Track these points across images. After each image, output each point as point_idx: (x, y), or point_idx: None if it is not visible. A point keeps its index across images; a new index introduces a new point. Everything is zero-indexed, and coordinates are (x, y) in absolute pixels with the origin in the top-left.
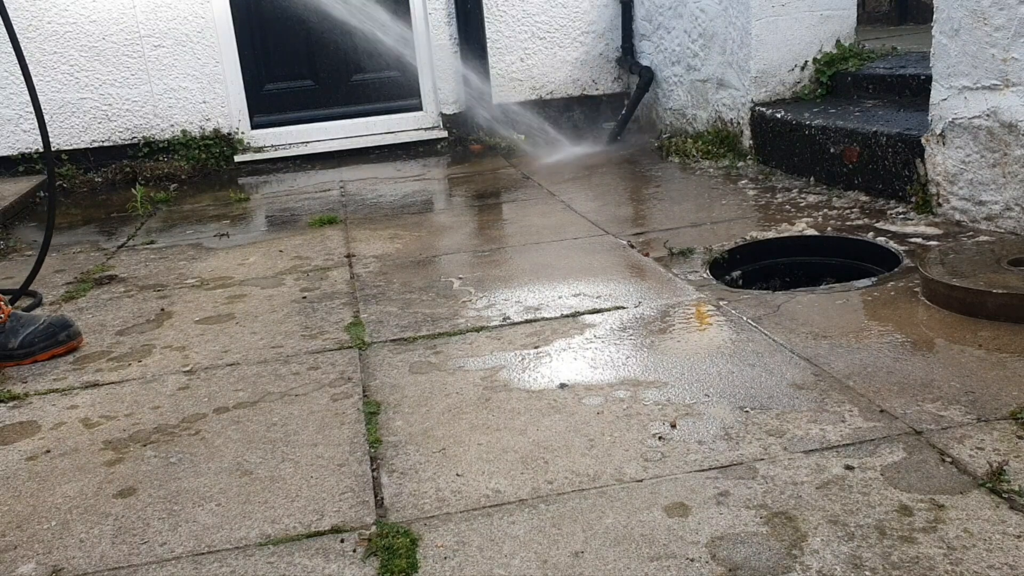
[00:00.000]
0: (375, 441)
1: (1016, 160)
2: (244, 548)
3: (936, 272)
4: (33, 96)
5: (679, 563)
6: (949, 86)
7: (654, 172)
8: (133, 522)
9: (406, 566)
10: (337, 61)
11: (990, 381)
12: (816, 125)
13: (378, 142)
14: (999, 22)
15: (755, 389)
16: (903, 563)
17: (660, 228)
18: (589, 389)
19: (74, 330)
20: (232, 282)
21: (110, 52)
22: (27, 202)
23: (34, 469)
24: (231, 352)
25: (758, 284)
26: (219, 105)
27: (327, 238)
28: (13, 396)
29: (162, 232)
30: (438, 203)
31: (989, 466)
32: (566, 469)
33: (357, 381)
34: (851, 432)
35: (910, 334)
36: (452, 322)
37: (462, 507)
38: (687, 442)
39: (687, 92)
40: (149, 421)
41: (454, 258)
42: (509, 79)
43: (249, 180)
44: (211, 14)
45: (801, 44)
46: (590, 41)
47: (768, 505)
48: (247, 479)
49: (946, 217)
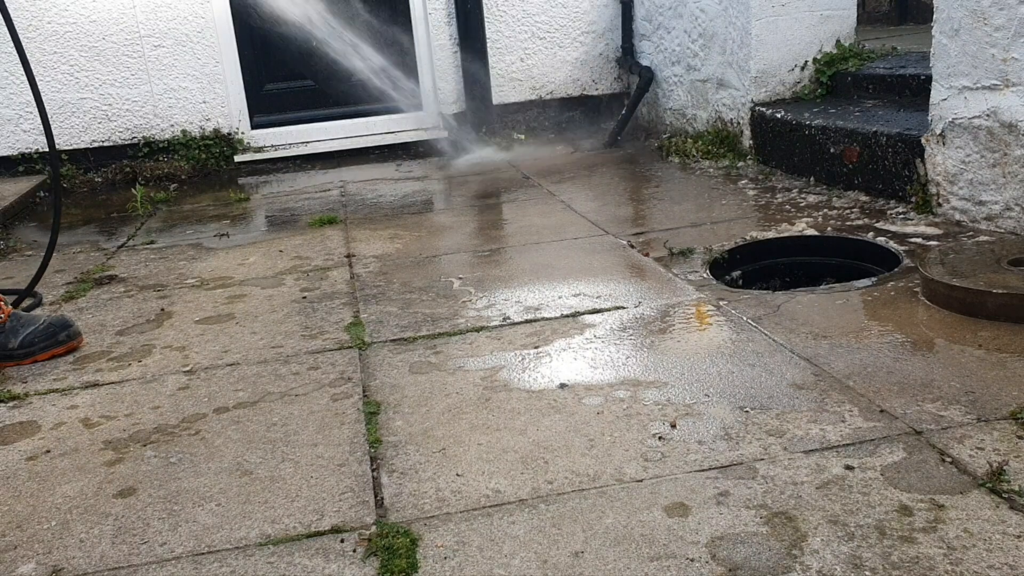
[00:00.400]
0: (375, 441)
1: (1016, 160)
2: (244, 548)
3: (936, 272)
4: (37, 96)
5: (679, 563)
6: (949, 86)
7: (654, 172)
8: (133, 522)
9: (406, 566)
10: (337, 61)
11: (990, 381)
12: (816, 125)
13: (378, 142)
14: (999, 22)
15: (755, 389)
16: (903, 563)
17: (660, 228)
18: (589, 389)
19: (74, 330)
20: (232, 282)
21: (110, 52)
22: (27, 202)
23: (34, 469)
24: (231, 352)
25: (758, 284)
26: (219, 105)
27: (327, 238)
28: (13, 396)
29: (162, 232)
30: (438, 203)
31: (989, 466)
32: (566, 469)
33: (357, 381)
34: (851, 432)
35: (910, 334)
36: (452, 322)
37: (462, 507)
38: (687, 442)
39: (687, 92)
40: (149, 421)
41: (454, 258)
42: (509, 79)
43: (249, 180)
44: (211, 14)
45: (801, 44)
46: (590, 41)
47: (768, 505)
48: (247, 479)
49: (946, 217)
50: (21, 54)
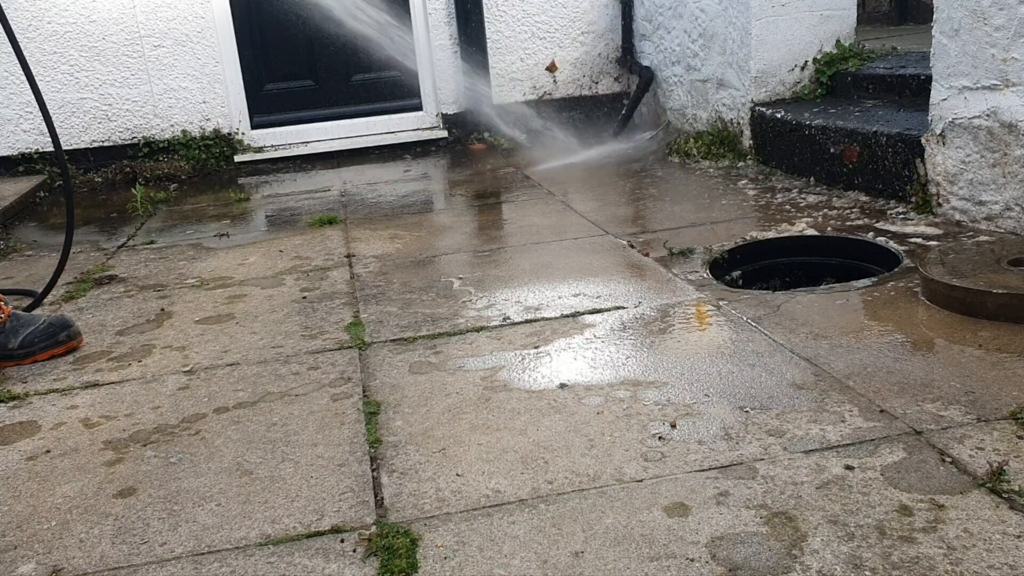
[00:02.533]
0: (375, 441)
1: (1016, 160)
2: (244, 548)
3: (936, 272)
4: (38, 98)
5: (679, 563)
6: (949, 86)
7: (654, 172)
8: (133, 522)
9: (406, 566)
10: (337, 61)
11: (990, 381)
12: (816, 125)
13: (378, 142)
14: (999, 22)
15: (755, 389)
16: (903, 563)
17: (660, 228)
18: (589, 389)
19: (74, 330)
20: (232, 282)
21: (110, 52)
22: (27, 202)
23: (34, 469)
24: (231, 352)
25: (758, 284)
26: (219, 105)
27: (327, 238)
28: (13, 396)
29: (162, 232)
30: (438, 203)
31: (989, 466)
32: (566, 469)
33: (357, 381)
34: (851, 432)
35: (910, 334)
36: (452, 322)
37: (462, 507)
38: (687, 442)
39: (687, 92)
40: (149, 421)
41: (454, 258)
42: (509, 79)
43: (249, 180)
44: (211, 14)
45: (801, 44)
46: (590, 41)
47: (768, 505)
48: (247, 479)
49: (946, 217)
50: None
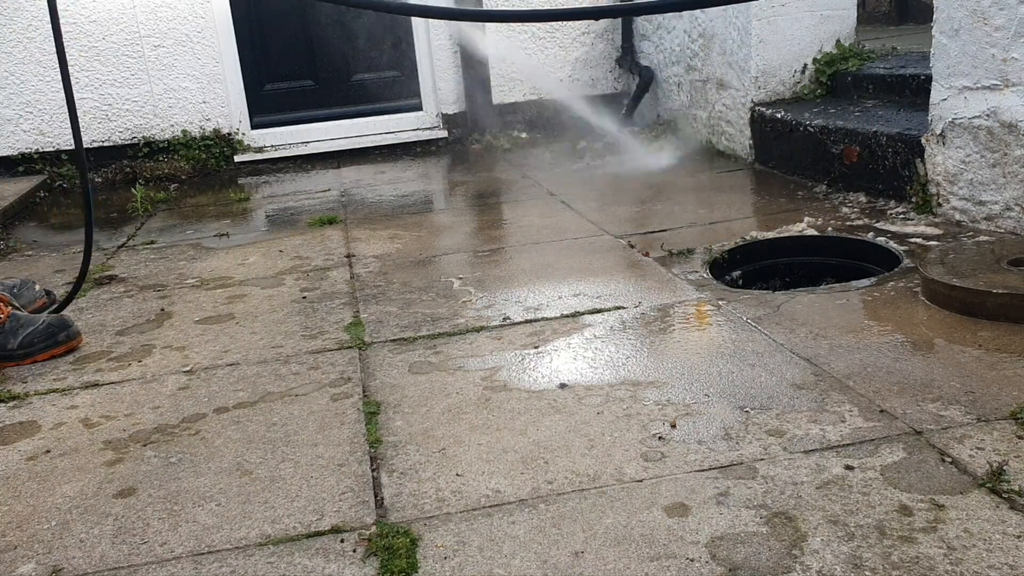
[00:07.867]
0: (375, 441)
1: (1016, 160)
2: (244, 548)
3: (936, 272)
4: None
5: (679, 563)
6: (949, 86)
7: (654, 172)
8: (133, 522)
9: (406, 566)
10: (337, 61)
11: (990, 381)
12: (816, 125)
13: (378, 142)
14: (999, 22)
15: (755, 389)
16: (903, 563)
17: (660, 228)
18: (589, 389)
19: (73, 330)
20: (232, 282)
21: (110, 52)
22: (27, 202)
23: (34, 469)
24: (231, 352)
25: (758, 284)
26: (219, 105)
27: (327, 238)
28: (13, 396)
29: (162, 232)
30: (438, 203)
31: (989, 466)
32: (566, 469)
33: (357, 381)
34: (851, 432)
35: (910, 334)
36: (452, 322)
37: (462, 507)
38: (687, 442)
39: (687, 92)
40: (149, 421)
41: (454, 258)
42: (509, 79)
43: (249, 180)
44: (211, 14)
45: (801, 44)
46: (590, 41)
47: (768, 505)
48: (247, 479)
49: (946, 217)
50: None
